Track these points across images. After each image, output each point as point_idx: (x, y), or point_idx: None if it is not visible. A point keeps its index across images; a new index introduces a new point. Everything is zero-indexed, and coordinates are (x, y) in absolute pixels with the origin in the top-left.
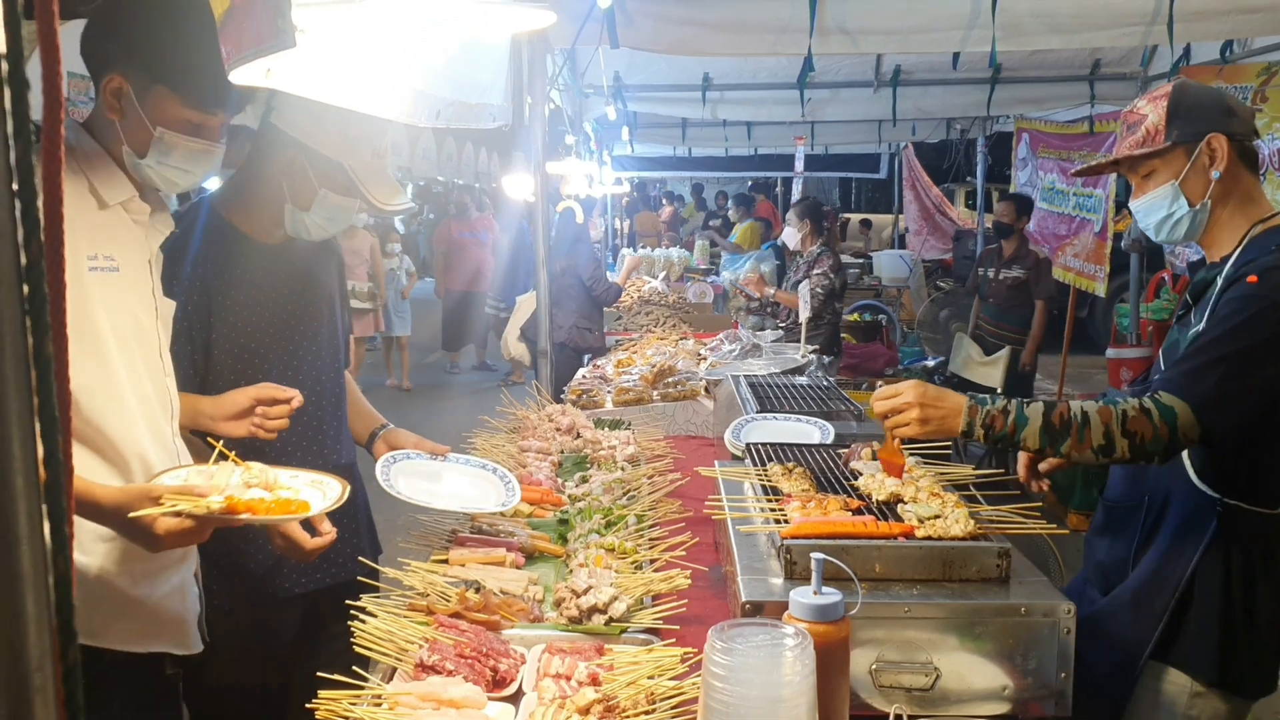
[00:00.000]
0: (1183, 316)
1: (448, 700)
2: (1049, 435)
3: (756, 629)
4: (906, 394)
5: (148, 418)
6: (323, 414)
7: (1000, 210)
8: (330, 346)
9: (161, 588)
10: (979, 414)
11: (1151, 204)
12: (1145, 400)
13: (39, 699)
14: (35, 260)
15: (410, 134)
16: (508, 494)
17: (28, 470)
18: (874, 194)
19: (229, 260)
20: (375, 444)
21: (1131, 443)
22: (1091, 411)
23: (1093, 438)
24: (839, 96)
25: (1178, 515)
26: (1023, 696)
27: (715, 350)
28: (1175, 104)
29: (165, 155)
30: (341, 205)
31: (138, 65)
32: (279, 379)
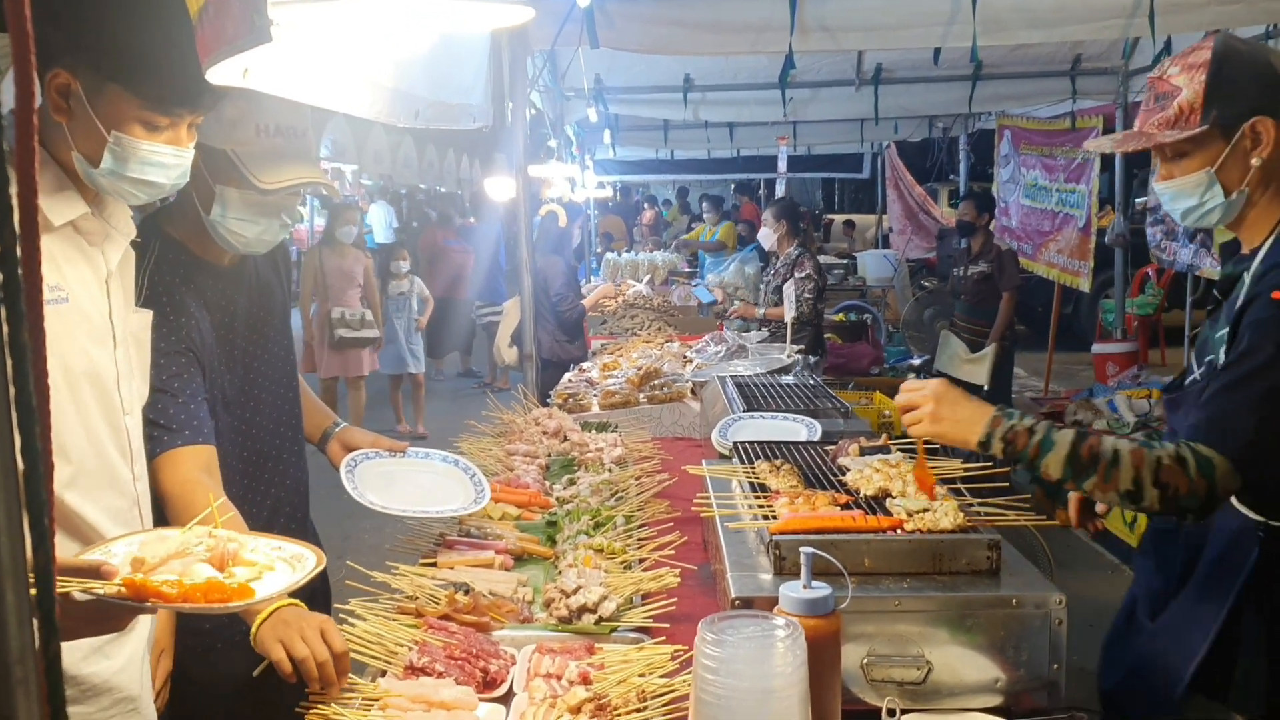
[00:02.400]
0: (1213, 312)
1: (439, 701)
2: (1073, 467)
3: (747, 620)
4: (927, 390)
5: (105, 466)
6: (281, 441)
7: (962, 210)
8: (286, 367)
9: (116, 660)
10: (1001, 427)
11: (1180, 190)
12: (1182, 447)
13: (20, 692)
14: (9, 247)
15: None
16: (476, 490)
17: (4, 460)
18: (857, 194)
19: (181, 285)
20: (329, 444)
21: (1163, 495)
22: (1124, 452)
23: (1120, 480)
24: (820, 96)
25: (1219, 542)
26: (1015, 688)
27: (701, 352)
28: (1216, 78)
29: (122, 163)
30: (249, 201)
31: (87, 59)
32: (236, 408)
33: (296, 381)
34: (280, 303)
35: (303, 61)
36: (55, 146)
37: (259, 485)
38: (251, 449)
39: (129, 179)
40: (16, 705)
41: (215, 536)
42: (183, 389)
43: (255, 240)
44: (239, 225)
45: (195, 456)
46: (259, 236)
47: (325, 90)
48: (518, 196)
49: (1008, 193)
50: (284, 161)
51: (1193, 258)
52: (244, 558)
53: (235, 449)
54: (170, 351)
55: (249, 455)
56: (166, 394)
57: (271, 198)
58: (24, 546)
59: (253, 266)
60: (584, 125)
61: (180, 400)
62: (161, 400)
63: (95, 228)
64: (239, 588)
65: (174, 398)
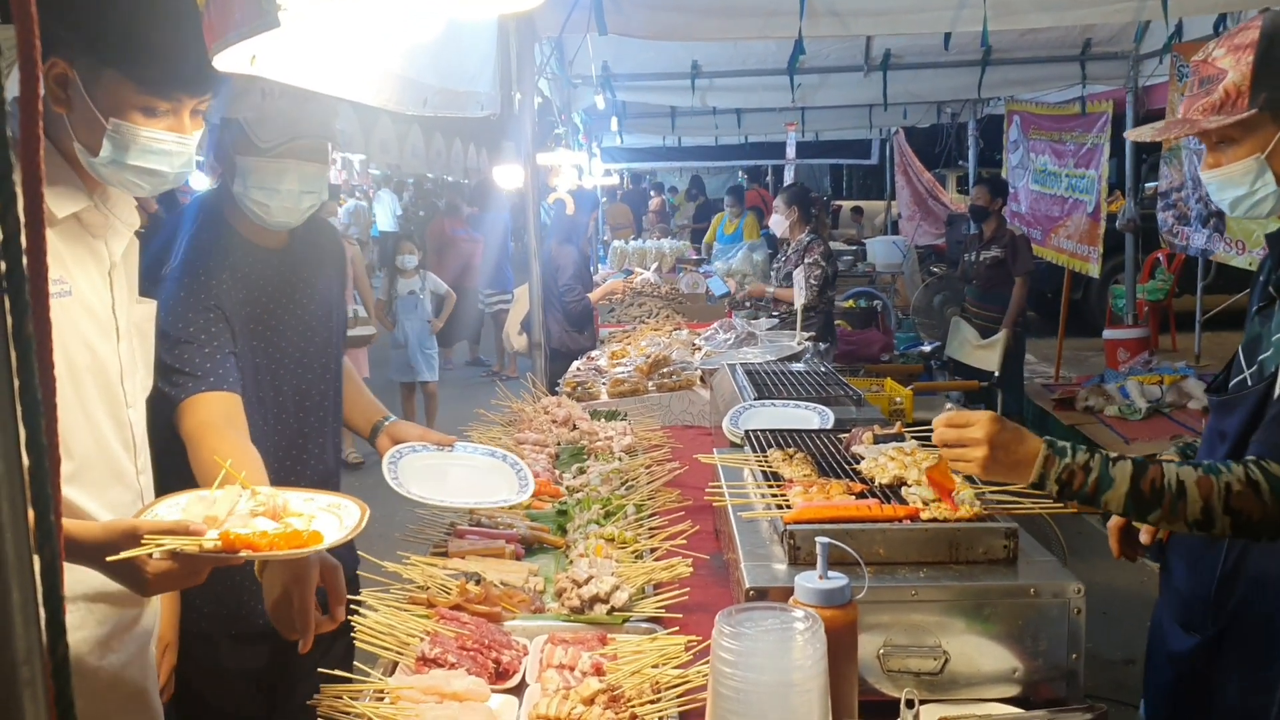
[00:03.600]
0: (1264, 308)
1: (450, 693)
2: (1136, 503)
3: (765, 613)
4: (978, 429)
5: (106, 456)
6: (309, 430)
7: (975, 195)
8: (323, 359)
9: (121, 655)
10: (1055, 466)
11: (1228, 179)
12: (1252, 470)
13: (27, 693)
14: (12, 235)
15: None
16: (520, 483)
17: (9, 455)
18: (865, 180)
19: (218, 256)
20: (379, 438)
21: (1235, 521)
22: (1189, 482)
23: (1189, 511)
24: (829, 81)
25: (1269, 554)
26: (1033, 678)
27: (710, 340)
28: (1265, 59)
29: (122, 151)
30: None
31: (84, 46)
32: (259, 388)
33: (334, 374)
34: (326, 294)
35: (310, 48)
36: (58, 138)
37: (283, 466)
38: (275, 433)
39: (131, 167)
40: (24, 707)
41: (258, 492)
42: (209, 340)
43: (279, 210)
44: (258, 195)
45: (218, 402)
46: (281, 205)
47: (333, 78)
48: (526, 184)
49: (1017, 178)
50: (287, 122)
51: (1205, 242)
52: (292, 509)
53: (269, 425)
54: (198, 307)
55: (274, 438)
56: (192, 345)
57: (279, 162)
58: (29, 543)
59: (301, 254)
60: (591, 113)
61: (206, 350)
62: (187, 350)
63: (98, 220)
64: (312, 534)
65: (200, 348)
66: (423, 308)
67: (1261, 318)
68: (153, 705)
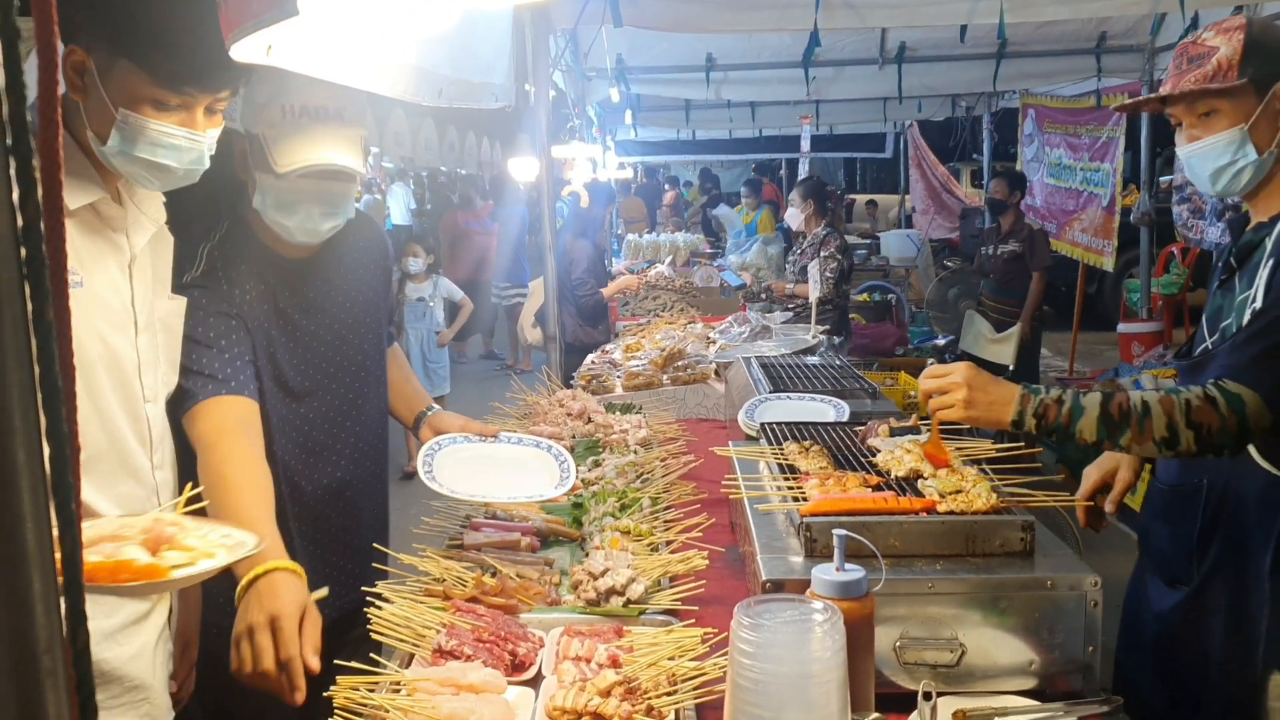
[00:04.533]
0: (1225, 281)
1: (467, 685)
2: (1107, 426)
3: (783, 605)
4: (956, 374)
5: (118, 450)
6: (338, 431)
7: (993, 188)
8: (358, 369)
9: (128, 648)
10: (1031, 403)
11: (1211, 149)
12: (1210, 388)
13: (49, 683)
14: (33, 221)
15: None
16: (562, 474)
17: (30, 443)
18: (879, 174)
19: (242, 264)
20: (420, 429)
21: (1198, 434)
22: (1153, 401)
23: (1155, 429)
24: (844, 74)
25: (1242, 500)
26: (1050, 671)
27: (724, 333)
28: (1253, 39)
29: (130, 143)
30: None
31: (99, 35)
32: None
33: (374, 379)
34: (365, 295)
35: (326, 39)
36: (75, 129)
37: (308, 472)
38: (305, 437)
39: (139, 160)
40: (45, 696)
41: (159, 521)
42: (229, 346)
43: (299, 230)
44: (277, 214)
45: (233, 406)
46: (301, 227)
47: (349, 68)
48: (541, 177)
49: (1031, 172)
50: (306, 144)
51: (1220, 236)
52: (181, 542)
53: (286, 436)
54: (217, 312)
55: (303, 442)
56: (212, 349)
57: (295, 183)
58: (50, 533)
59: (333, 259)
60: (605, 106)
61: (226, 356)
62: (205, 354)
63: (116, 213)
64: (147, 567)
65: (220, 353)
66: (431, 317)
67: (1223, 291)
68: (158, 701)
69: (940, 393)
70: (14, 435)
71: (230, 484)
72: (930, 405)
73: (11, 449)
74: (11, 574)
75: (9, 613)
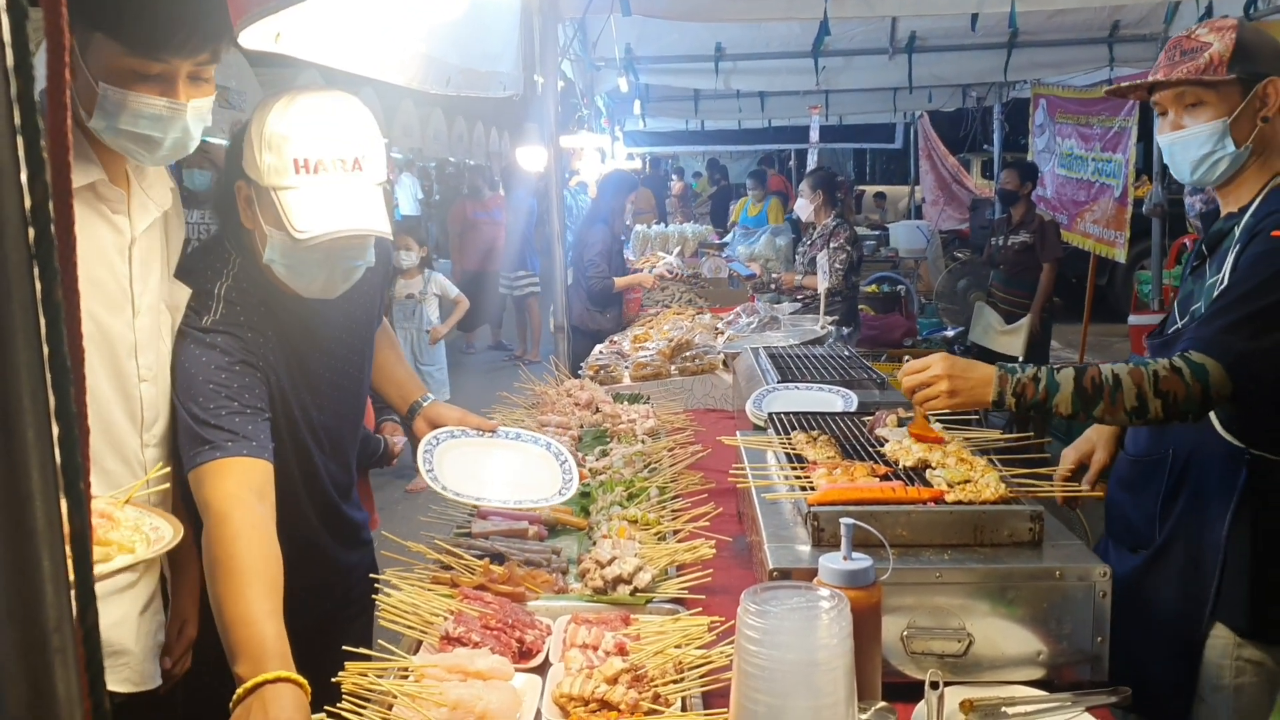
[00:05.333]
0: (1197, 268)
1: (475, 671)
2: (1081, 399)
3: (790, 592)
4: (935, 366)
5: (105, 429)
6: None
7: (1004, 178)
8: (353, 383)
9: (108, 616)
10: (1009, 383)
11: (1193, 139)
12: (1175, 360)
13: (58, 661)
14: (41, 201)
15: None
16: (565, 478)
17: (39, 423)
18: (889, 165)
19: (259, 307)
20: (415, 420)
21: (1165, 402)
22: (1123, 374)
23: (1125, 400)
24: (853, 64)
25: (1204, 467)
26: (1057, 661)
27: (733, 324)
28: (1244, 39)
29: (112, 116)
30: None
31: (73, 9)
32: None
33: (362, 392)
34: (365, 309)
35: (335, 27)
36: (74, 109)
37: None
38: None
39: (124, 133)
40: (55, 674)
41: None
42: (251, 401)
43: (317, 290)
44: (288, 274)
45: (247, 470)
46: (321, 288)
47: (358, 57)
48: (549, 167)
49: (1043, 163)
50: (329, 208)
51: None
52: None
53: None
54: (241, 361)
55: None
56: (234, 401)
57: (316, 247)
58: (60, 512)
59: (348, 293)
60: (614, 96)
61: (248, 412)
62: (226, 406)
63: (115, 195)
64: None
65: (242, 407)
66: (422, 314)
67: (1194, 277)
68: (138, 667)
69: (923, 385)
70: (23, 415)
71: (240, 569)
72: (915, 399)
73: (20, 429)
74: (21, 553)
75: (18, 591)
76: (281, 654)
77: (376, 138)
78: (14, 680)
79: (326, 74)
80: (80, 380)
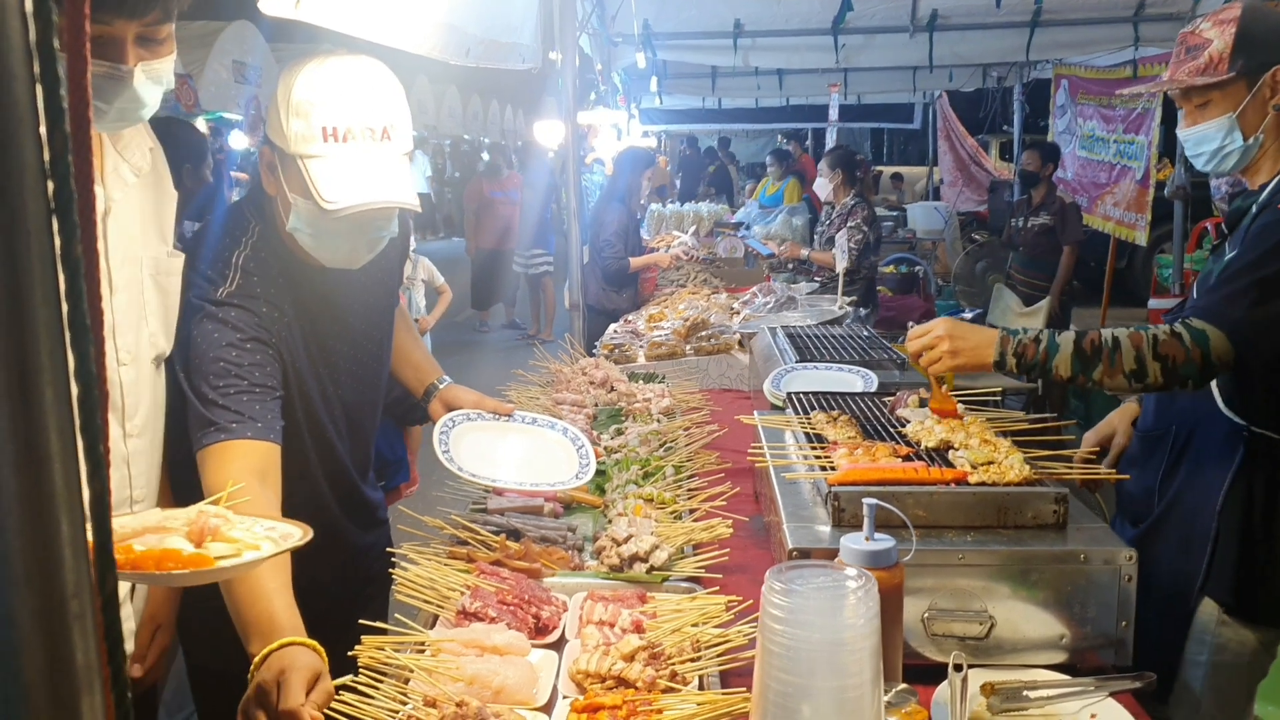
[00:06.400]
0: (1218, 247)
1: (491, 646)
2: (1080, 361)
3: (816, 571)
4: (937, 328)
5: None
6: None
7: (1026, 159)
8: (373, 361)
9: None
10: (1010, 344)
11: (1204, 135)
12: (1176, 325)
13: (76, 627)
14: (60, 153)
15: (436, 91)
16: (581, 462)
17: (57, 383)
18: (906, 146)
19: (277, 279)
20: (431, 402)
21: (1164, 366)
22: (1123, 337)
23: (1124, 362)
24: (874, 42)
25: (1205, 442)
26: (1080, 646)
27: (749, 304)
28: (1245, 32)
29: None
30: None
31: None
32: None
33: (382, 374)
34: (384, 285)
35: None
36: None
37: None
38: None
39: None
40: (74, 641)
41: (204, 513)
42: (262, 379)
43: (341, 260)
44: (313, 242)
45: (250, 453)
46: (345, 258)
47: (378, 25)
48: (566, 142)
49: (1063, 144)
50: (359, 178)
51: None
52: (226, 534)
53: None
54: (253, 338)
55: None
56: (243, 380)
57: (344, 217)
58: (79, 476)
59: (366, 266)
60: (630, 72)
61: (257, 391)
62: (235, 385)
63: None
64: (192, 556)
65: (251, 386)
66: (410, 301)
67: (1214, 257)
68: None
69: (926, 349)
70: (41, 374)
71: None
72: (921, 363)
73: (39, 388)
74: (39, 517)
75: (36, 556)
76: (294, 626)
77: (404, 106)
78: (32, 646)
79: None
80: (100, 340)
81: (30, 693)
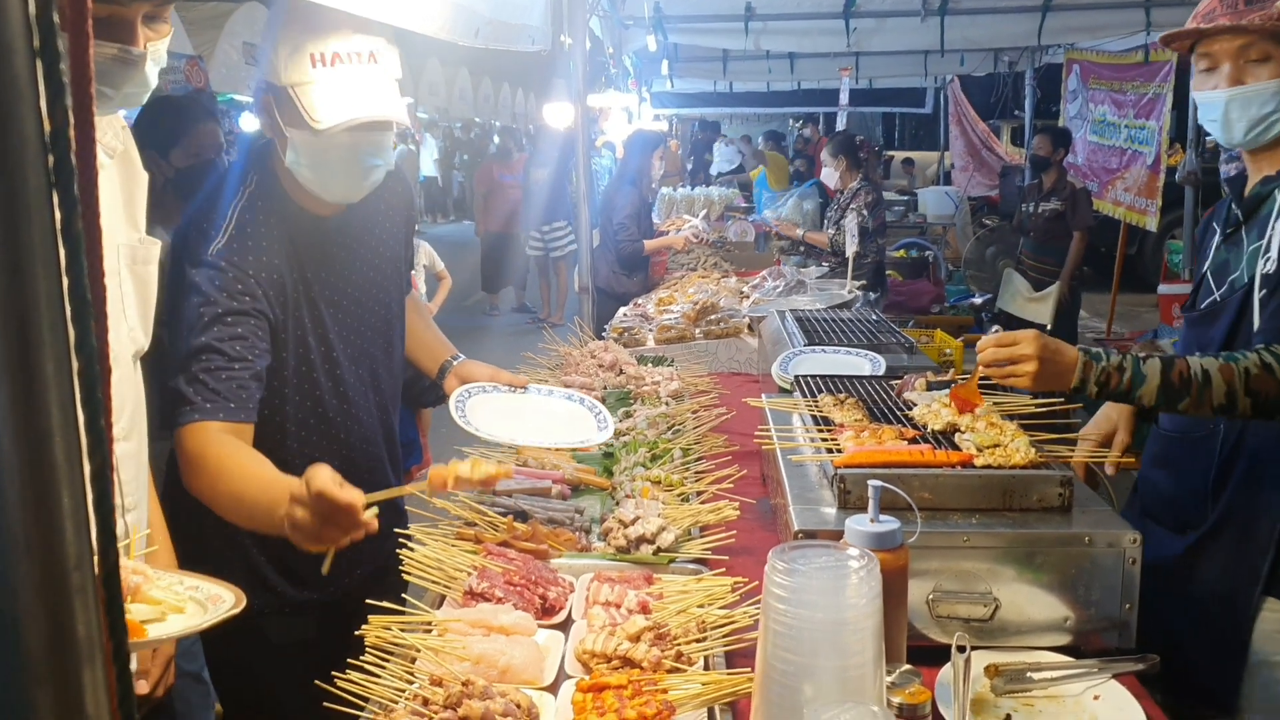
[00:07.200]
0: (1231, 234)
1: (498, 626)
2: (1167, 394)
3: (819, 550)
4: (1025, 345)
5: None
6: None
7: (1037, 144)
8: (381, 325)
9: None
10: (1094, 370)
11: (1255, 96)
12: (1264, 354)
13: (79, 601)
14: (61, 127)
15: (447, 75)
16: (600, 424)
17: (58, 356)
18: (918, 130)
19: (271, 232)
20: (446, 378)
21: (1255, 401)
22: (1213, 370)
23: (1214, 397)
24: (885, 26)
25: (1259, 443)
26: (1084, 628)
27: (758, 288)
28: None
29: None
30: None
31: None
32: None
33: (394, 341)
34: (389, 252)
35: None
36: None
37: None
38: (324, 406)
39: None
40: (75, 613)
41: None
42: (243, 353)
43: (339, 188)
44: (313, 173)
45: (222, 433)
46: (343, 183)
47: (388, 4)
48: (576, 125)
49: (1074, 129)
50: (346, 96)
51: None
52: (146, 594)
53: (303, 404)
54: (239, 310)
55: (322, 412)
56: (223, 356)
57: (335, 138)
58: (80, 448)
59: (362, 214)
60: (641, 55)
61: (236, 366)
62: (214, 360)
63: None
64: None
65: (230, 361)
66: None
67: (1229, 245)
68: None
69: (1009, 361)
70: (42, 348)
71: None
72: (997, 373)
73: (40, 362)
74: (40, 489)
75: (38, 528)
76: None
77: (391, 41)
78: (34, 618)
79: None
80: (102, 314)
81: (32, 665)
